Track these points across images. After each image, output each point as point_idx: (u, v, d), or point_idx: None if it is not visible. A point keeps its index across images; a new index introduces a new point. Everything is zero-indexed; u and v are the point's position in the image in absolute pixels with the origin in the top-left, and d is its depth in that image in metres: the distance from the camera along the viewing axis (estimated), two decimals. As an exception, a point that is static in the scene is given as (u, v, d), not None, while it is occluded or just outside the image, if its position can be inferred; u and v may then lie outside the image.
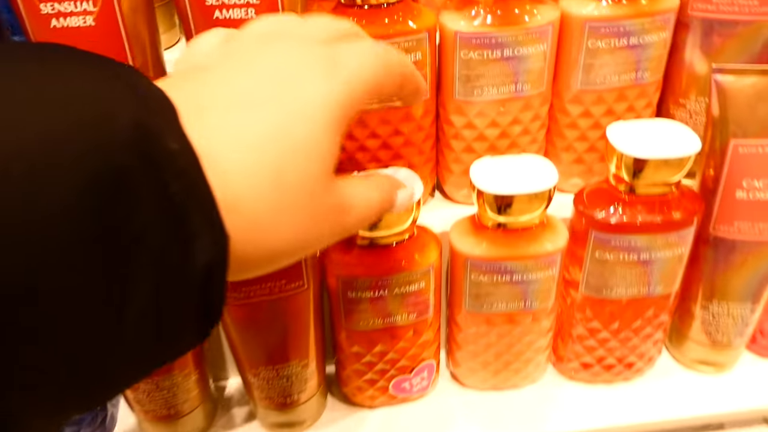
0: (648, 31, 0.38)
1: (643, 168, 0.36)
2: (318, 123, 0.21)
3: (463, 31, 0.36)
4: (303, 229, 0.21)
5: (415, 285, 0.39)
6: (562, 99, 0.41)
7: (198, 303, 0.18)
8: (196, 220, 0.17)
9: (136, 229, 0.16)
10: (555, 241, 0.39)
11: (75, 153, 0.14)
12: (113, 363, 0.17)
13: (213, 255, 0.17)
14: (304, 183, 0.20)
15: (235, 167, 0.19)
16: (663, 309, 0.43)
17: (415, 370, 0.44)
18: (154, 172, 0.16)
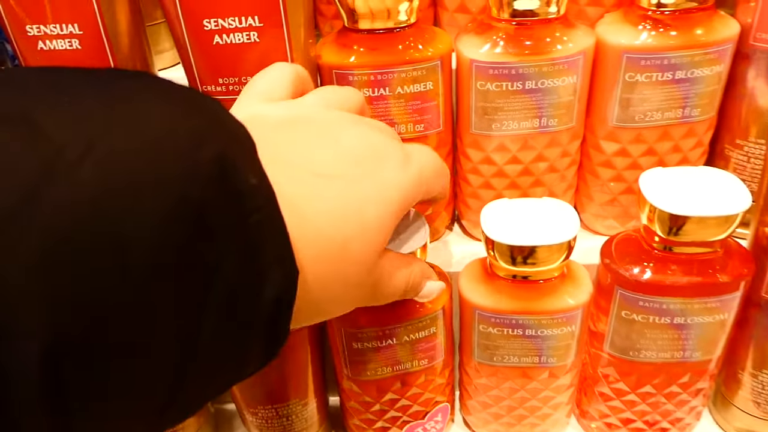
0: (699, 64, 0.33)
1: (680, 225, 0.31)
2: (389, 207, 0.23)
3: (480, 61, 0.33)
4: (349, 298, 0.23)
5: (425, 331, 0.36)
6: (596, 135, 0.36)
7: (265, 332, 0.18)
8: (270, 253, 0.17)
9: (213, 260, 0.16)
10: (576, 295, 0.35)
11: (159, 182, 0.15)
12: (183, 386, 0.17)
13: (283, 289, 0.18)
14: (365, 258, 0.22)
15: (307, 225, 0.20)
16: (701, 375, 0.38)
17: (429, 415, 0.41)
18: (233, 205, 0.16)
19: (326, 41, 0.34)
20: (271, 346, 0.19)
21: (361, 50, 0.33)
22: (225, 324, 0.17)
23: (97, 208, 0.14)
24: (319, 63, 0.34)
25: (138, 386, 0.16)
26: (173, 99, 0.17)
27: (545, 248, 0.32)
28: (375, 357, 0.36)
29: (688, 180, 0.32)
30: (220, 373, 0.18)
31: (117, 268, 0.14)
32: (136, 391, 0.16)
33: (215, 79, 0.32)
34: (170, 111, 0.16)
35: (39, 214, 0.13)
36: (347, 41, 0.33)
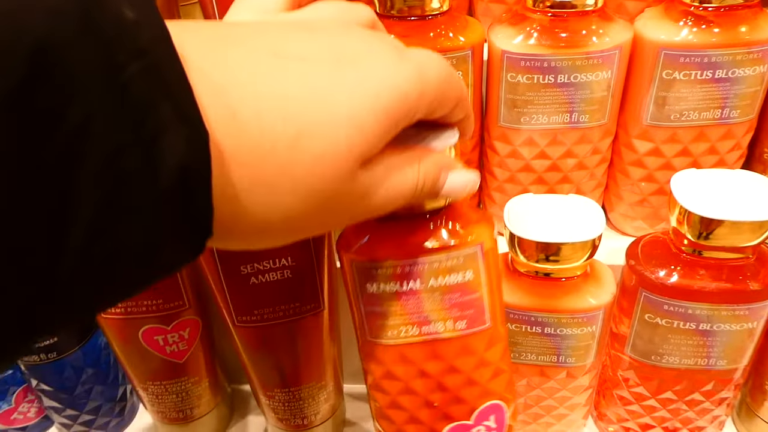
0: (741, 63, 0.32)
1: (711, 229, 0.30)
2: (371, 101, 0.18)
3: (512, 52, 0.32)
4: (308, 209, 0.18)
5: (459, 274, 0.27)
6: (629, 133, 0.35)
7: (176, 214, 0.15)
8: (162, 112, 0.14)
9: (74, 124, 0.12)
10: (599, 295, 0.34)
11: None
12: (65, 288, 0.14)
13: (188, 155, 0.14)
14: (328, 162, 0.17)
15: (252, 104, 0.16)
16: (726, 384, 0.36)
17: (477, 414, 0.30)
18: (100, 47, 0.13)
19: (357, 27, 0.34)
20: (193, 231, 0.16)
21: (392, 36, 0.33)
22: (110, 201, 0.13)
23: None
24: (349, 48, 0.33)
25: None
26: None
27: (569, 246, 0.32)
28: (396, 308, 0.28)
29: (722, 183, 0.31)
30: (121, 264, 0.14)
31: None
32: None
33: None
34: None
35: None
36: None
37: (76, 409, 0.42)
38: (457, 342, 0.29)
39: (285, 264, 0.33)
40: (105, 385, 0.43)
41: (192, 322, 0.39)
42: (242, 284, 0.34)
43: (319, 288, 0.36)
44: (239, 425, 0.46)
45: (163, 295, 0.36)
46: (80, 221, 0.13)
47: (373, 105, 0.18)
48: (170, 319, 0.38)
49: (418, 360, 0.29)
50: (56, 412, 0.42)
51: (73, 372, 0.41)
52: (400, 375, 0.30)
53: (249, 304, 0.35)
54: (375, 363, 0.30)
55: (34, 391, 0.43)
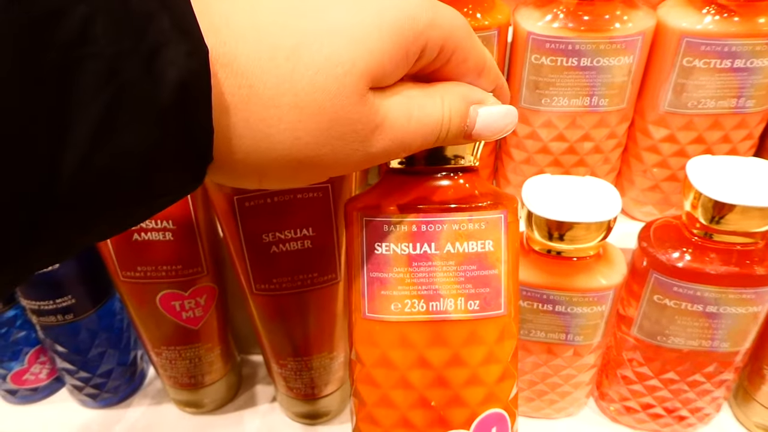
0: (760, 54, 0.33)
1: (723, 213, 0.31)
2: (373, 15, 0.17)
3: (537, 33, 0.33)
4: (315, 131, 0.16)
5: (479, 243, 0.24)
6: (645, 119, 0.36)
7: (175, 132, 0.14)
8: (162, 24, 0.13)
9: (75, 27, 0.12)
10: (609, 276, 0.35)
11: None
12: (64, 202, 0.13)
13: (188, 70, 0.14)
14: (329, 73, 0.16)
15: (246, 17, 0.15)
16: (727, 366, 0.38)
17: (477, 424, 0.26)
18: None
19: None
20: (194, 152, 0.15)
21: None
22: (111, 112, 0.13)
23: None
24: (376, 24, 0.34)
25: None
26: None
27: (584, 225, 0.32)
28: (404, 276, 0.25)
29: (736, 170, 0.32)
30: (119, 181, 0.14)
31: None
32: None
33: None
34: None
35: None
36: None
37: (88, 371, 0.43)
38: (466, 326, 0.25)
39: (306, 234, 0.34)
40: (118, 349, 0.44)
41: (209, 289, 0.39)
42: (263, 252, 0.34)
43: (337, 260, 0.36)
44: (247, 394, 0.47)
45: (182, 261, 0.37)
46: (81, 128, 0.13)
47: (376, 21, 0.17)
48: (188, 285, 0.38)
49: (421, 344, 0.25)
50: (69, 374, 0.43)
51: (87, 334, 0.41)
52: (398, 362, 0.25)
53: (268, 273, 0.35)
54: (369, 345, 0.26)
55: (47, 353, 0.44)
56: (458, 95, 0.20)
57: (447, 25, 0.18)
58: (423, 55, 0.18)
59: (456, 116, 0.19)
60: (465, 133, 0.20)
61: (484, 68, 0.20)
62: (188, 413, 0.45)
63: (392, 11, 0.17)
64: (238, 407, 0.46)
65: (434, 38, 0.18)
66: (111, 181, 0.14)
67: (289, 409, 0.44)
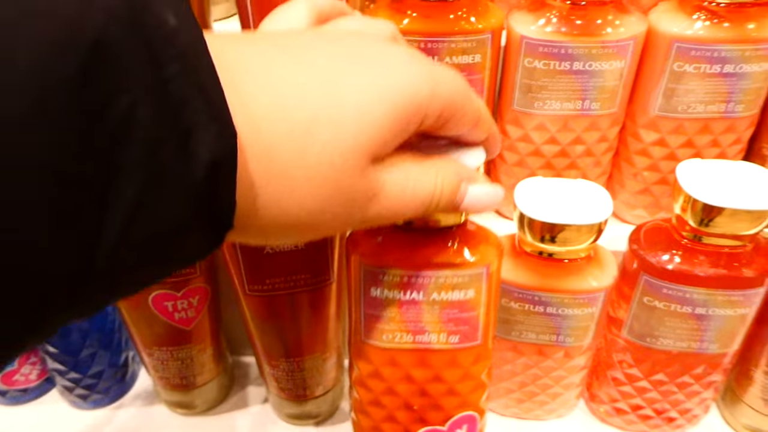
0: (749, 59, 0.33)
1: (712, 216, 0.32)
2: (381, 93, 0.18)
3: (530, 37, 0.33)
4: (319, 200, 0.18)
5: (461, 292, 0.30)
6: (636, 122, 0.37)
7: (203, 207, 0.16)
8: (196, 109, 0.15)
9: (122, 112, 0.14)
10: (600, 278, 0.35)
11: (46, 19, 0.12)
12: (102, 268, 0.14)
13: (218, 151, 0.15)
14: (335, 148, 0.18)
15: (268, 96, 0.17)
16: (716, 368, 0.38)
17: (452, 423, 0.33)
18: (146, 47, 0.14)
19: (381, 4, 0.35)
20: (215, 222, 0.16)
21: (414, 15, 0.33)
22: (149, 189, 0.14)
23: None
24: (371, 26, 0.34)
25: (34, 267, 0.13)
26: None
27: (575, 228, 0.33)
28: (395, 315, 0.30)
29: (725, 173, 0.33)
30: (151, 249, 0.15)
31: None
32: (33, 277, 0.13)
33: (268, 33, 0.33)
34: None
35: None
36: (401, 6, 0.34)
37: (79, 372, 0.43)
38: (447, 354, 0.31)
39: (299, 235, 0.34)
40: (109, 350, 0.43)
41: (201, 290, 0.39)
42: (257, 253, 0.34)
43: (330, 261, 0.36)
44: (239, 395, 0.47)
45: (175, 262, 0.37)
46: (121, 203, 0.14)
47: (381, 96, 0.18)
48: (181, 286, 0.38)
49: (407, 365, 0.32)
50: (60, 374, 0.43)
51: (78, 335, 0.41)
52: (387, 376, 0.32)
53: (262, 273, 0.35)
54: (364, 361, 0.32)
55: (38, 354, 0.43)
56: (451, 172, 0.22)
57: (446, 94, 0.20)
58: (423, 123, 0.20)
59: (447, 191, 0.21)
60: (454, 207, 0.22)
61: (479, 121, 0.22)
62: (179, 414, 0.45)
63: (395, 88, 0.18)
64: (230, 408, 0.46)
65: (434, 108, 0.20)
66: (143, 253, 0.15)
67: (281, 410, 0.44)
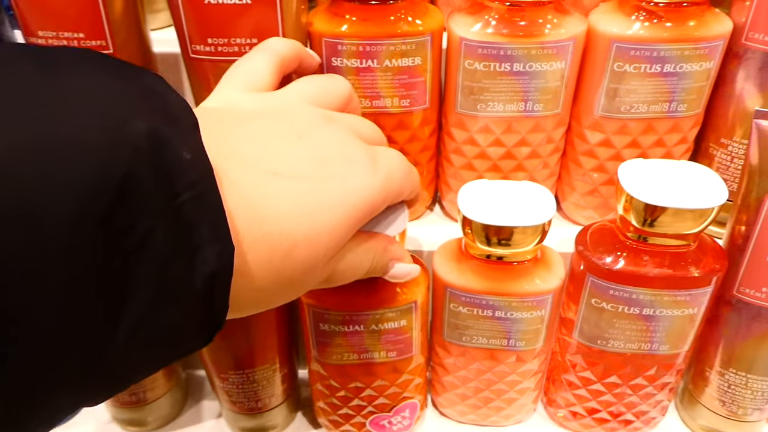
0: (688, 58, 0.33)
1: (655, 216, 0.31)
2: (348, 212, 0.22)
3: (469, 39, 0.33)
4: (285, 298, 0.23)
5: (395, 323, 0.35)
6: (581, 123, 0.36)
7: (201, 311, 0.18)
8: (205, 231, 0.17)
9: (139, 237, 0.16)
10: (548, 280, 0.35)
11: (82, 154, 0.14)
12: (112, 363, 0.16)
13: (218, 265, 0.18)
14: (311, 264, 0.22)
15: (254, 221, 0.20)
16: (668, 369, 0.38)
17: (395, 409, 0.40)
18: (164, 180, 0.16)
19: (319, 9, 0.34)
20: (210, 323, 0.19)
21: (353, 20, 0.33)
22: (157, 297, 0.16)
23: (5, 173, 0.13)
24: (310, 31, 0.34)
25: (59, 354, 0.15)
26: (112, 73, 0.17)
27: (520, 230, 0.32)
28: (341, 341, 0.36)
29: (667, 173, 0.33)
30: (155, 346, 0.18)
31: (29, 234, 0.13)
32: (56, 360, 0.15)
33: (204, 39, 0.32)
34: (103, 83, 0.16)
35: None
36: (339, 10, 0.33)
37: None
38: (387, 365, 0.37)
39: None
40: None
41: (146, 301, 0.38)
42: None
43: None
44: (193, 410, 0.46)
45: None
46: (132, 311, 0.16)
47: (348, 217, 0.22)
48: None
49: (355, 375, 0.38)
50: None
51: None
52: (339, 384, 0.38)
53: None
54: (318, 374, 0.38)
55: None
56: (386, 254, 0.27)
57: (396, 191, 0.26)
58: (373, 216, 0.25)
59: (379, 266, 0.27)
60: (383, 274, 0.28)
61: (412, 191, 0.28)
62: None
63: (360, 204, 0.23)
64: (183, 424, 0.45)
65: (384, 205, 0.25)
66: (148, 349, 0.17)
67: (235, 425, 0.43)
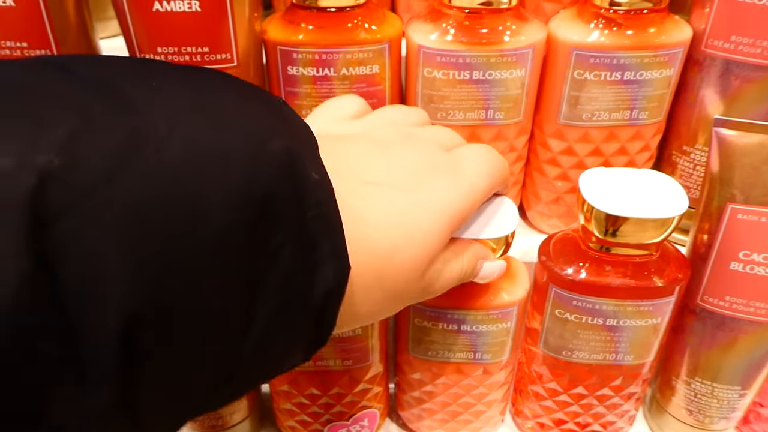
0: (648, 66, 0.33)
1: (617, 226, 0.31)
2: (439, 218, 0.23)
3: (427, 47, 0.32)
4: (389, 307, 0.23)
5: (350, 332, 0.35)
6: (544, 131, 0.36)
7: (312, 326, 0.19)
8: (326, 247, 0.18)
9: (275, 246, 0.17)
10: (513, 292, 0.34)
11: (234, 163, 0.16)
12: (239, 364, 0.17)
13: (334, 283, 0.19)
14: (411, 268, 0.22)
15: (361, 229, 0.20)
16: (634, 379, 0.37)
17: (354, 418, 0.40)
18: (297, 196, 0.17)
19: (274, 17, 0.33)
20: (318, 338, 0.20)
21: (309, 28, 0.32)
22: (280, 309, 0.17)
23: (179, 181, 0.14)
24: (265, 39, 0.33)
25: (203, 358, 0.16)
26: (248, 95, 0.18)
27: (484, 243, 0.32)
28: None
29: (629, 182, 0.32)
30: (270, 358, 0.19)
31: (195, 237, 0.15)
32: (200, 363, 0.16)
33: (153, 48, 0.31)
34: (245, 104, 0.18)
35: (127, 181, 0.14)
36: (295, 18, 0.32)
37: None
38: (343, 374, 0.37)
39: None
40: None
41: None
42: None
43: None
44: (153, 427, 0.44)
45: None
46: (260, 322, 0.17)
47: (441, 221, 0.23)
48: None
49: (311, 383, 0.37)
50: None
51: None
52: (296, 391, 0.38)
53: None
54: (277, 380, 0.38)
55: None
56: (473, 254, 0.27)
57: (482, 196, 0.26)
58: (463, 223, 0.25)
59: (469, 269, 0.27)
60: (472, 279, 0.28)
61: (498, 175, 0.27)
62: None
63: (448, 212, 0.23)
64: (143, 442, 0.43)
65: (473, 211, 0.26)
66: (265, 361, 0.18)
67: (196, 442, 0.42)
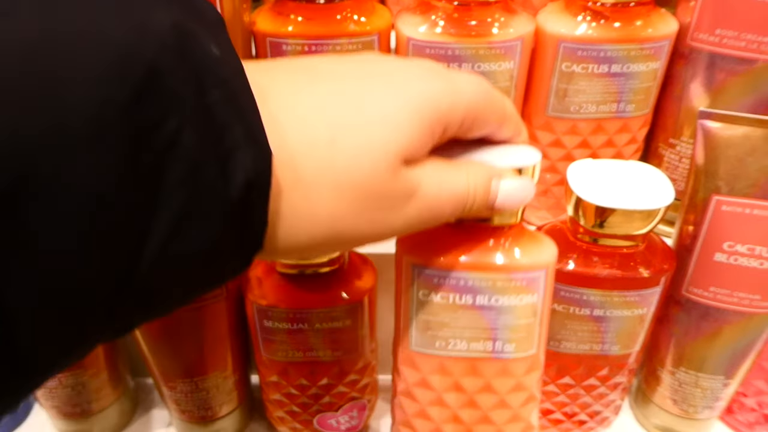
0: (635, 59, 0.33)
1: (603, 217, 0.31)
2: (408, 103, 0.19)
3: (416, 39, 0.32)
4: (351, 206, 0.19)
5: (340, 322, 0.35)
6: (532, 124, 0.36)
7: (237, 225, 0.17)
8: (236, 133, 0.16)
9: (168, 135, 0.14)
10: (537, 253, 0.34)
11: (104, 46, 0.13)
12: (145, 279, 0.15)
13: (254, 172, 0.16)
14: (364, 153, 0.19)
15: (291, 113, 0.18)
16: (620, 370, 0.38)
17: (343, 408, 0.40)
18: (192, 76, 0.15)
19: (263, 8, 0.33)
20: (249, 238, 0.17)
21: (298, 19, 0.32)
22: (188, 203, 0.15)
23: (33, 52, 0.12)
24: (254, 30, 0.33)
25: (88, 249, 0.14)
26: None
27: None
28: (286, 339, 0.35)
29: (616, 173, 0.32)
30: (187, 259, 0.16)
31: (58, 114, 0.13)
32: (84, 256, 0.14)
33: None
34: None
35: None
36: (284, 9, 0.33)
37: (-39, 404, 0.40)
38: (333, 364, 0.36)
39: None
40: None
41: (88, 310, 0.37)
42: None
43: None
44: (143, 419, 0.44)
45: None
46: (161, 222, 0.15)
47: (404, 106, 0.19)
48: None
49: (300, 374, 0.36)
50: (-61, 408, 0.39)
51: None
52: (285, 381, 0.37)
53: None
54: (266, 370, 0.37)
55: None
56: (481, 170, 0.22)
57: (465, 102, 0.21)
58: (446, 130, 0.21)
59: (480, 188, 0.22)
60: (488, 205, 0.23)
61: (505, 120, 0.23)
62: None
63: (417, 97, 0.20)
64: (132, 434, 0.43)
65: (455, 117, 0.21)
66: (178, 271, 0.16)
67: (186, 434, 0.42)
